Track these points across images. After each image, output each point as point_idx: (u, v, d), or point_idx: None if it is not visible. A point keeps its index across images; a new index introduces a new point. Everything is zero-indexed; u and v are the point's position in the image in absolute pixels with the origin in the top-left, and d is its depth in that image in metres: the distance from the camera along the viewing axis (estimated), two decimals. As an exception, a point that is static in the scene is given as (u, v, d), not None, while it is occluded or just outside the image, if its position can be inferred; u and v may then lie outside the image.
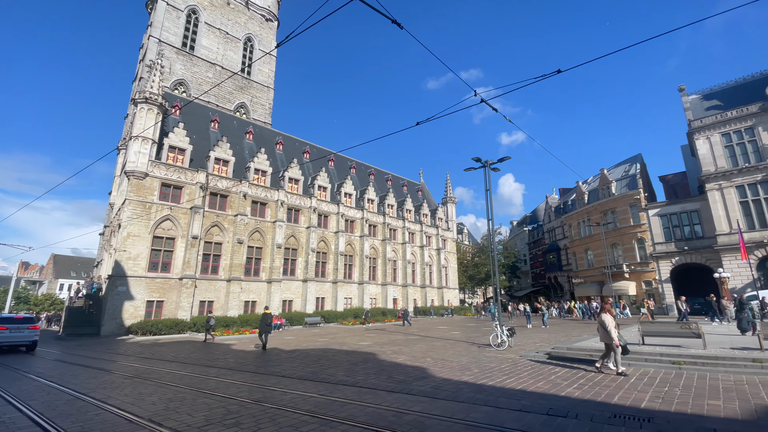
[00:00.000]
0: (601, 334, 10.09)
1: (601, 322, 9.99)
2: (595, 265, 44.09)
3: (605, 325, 9.86)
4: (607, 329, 9.79)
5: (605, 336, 9.92)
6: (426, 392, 8.17)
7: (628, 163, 45.12)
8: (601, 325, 10.02)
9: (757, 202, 31.80)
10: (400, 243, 46.61)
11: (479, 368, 10.91)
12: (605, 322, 9.90)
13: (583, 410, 6.65)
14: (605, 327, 9.85)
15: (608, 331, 9.76)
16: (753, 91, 34.32)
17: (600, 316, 10.14)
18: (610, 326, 9.78)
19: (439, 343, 17.64)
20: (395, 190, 51.99)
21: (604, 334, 9.97)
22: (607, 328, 9.79)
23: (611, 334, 9.70)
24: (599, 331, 10.21)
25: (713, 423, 5.92)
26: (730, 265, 31.42)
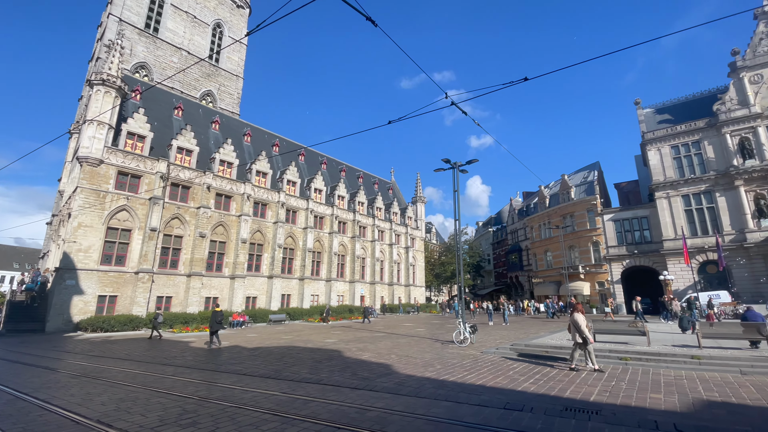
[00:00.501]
0: (574, 333, 10.28)
1: (574, 322, 10.19)
2: (553, 265, 46.20)
3: (578, 324, 10.06)
4: (580, 328, 10.00)
5: (575, 334, 10.14)
6: (389, 389, 8.27)
7: (587, 170, 47.56)
8: (573, 325, 10.21)
9: (700, 211, 34.55)
10: (369, 240, 46.66)
11: (442, 364, 11.17)
12: (578, 321, 10.09)
13: (537, 404, 6.99)
14: (578, 326, 10.06)
15: (581, 330, 9.98)
16: (701, 108, 37.17)
17: (573, 316, 10.31)
18: (582, 325, 9.99)
19: (405, 340, 17.86)
20: (366, 187, 51.94)
21: (576, 333, 10.17)
22: (580, 327, 10.00)
23: (585, 333, 9.93)
24: (571, 330, 10.38)
25: (654, 415, 6.38)
26: (674, 268, 33.95)
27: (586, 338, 9.95)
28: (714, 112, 34.95)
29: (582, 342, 10.10)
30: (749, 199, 32.20)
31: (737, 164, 32.88)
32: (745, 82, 33.98)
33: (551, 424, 5.86)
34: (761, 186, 31.85)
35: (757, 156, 32.41)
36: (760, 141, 32.42)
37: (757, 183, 31.99)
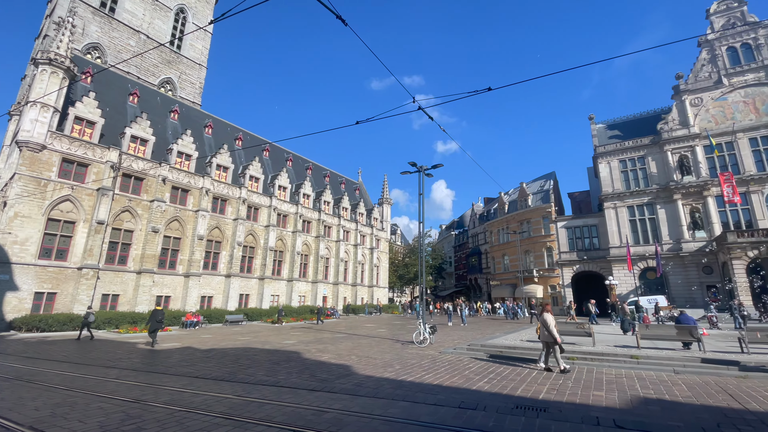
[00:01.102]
0: (542, 333, 10.51)
1: (543, 322, 10.42)
2: (510, 269, 48.13)
3: (547, 325, 10.30)
4: (549, 328, 10.25)
5: (547, 335, 10.37)
6: (348, 390, 8.25)
7: (543, 179, 50.00)
8: (543, 325, 10.46)
9: (642, 221, 37.35)
10: (334, 241, 46.26)
11: (401, 365, 11.29)
12: (547, 322, 10.33)
13: (490, 403, 7.25)
14: (547, 327, 10.30)
15: (550, 330, 10.23)
16: (647, 126, 40.23)
17: (542, 317, 10.54)
18: (551, 325, 10.25)
19: (365, 340, 17.88)
20: (333, 186, 51.48)
21: (545, 333, 10.40)
22: (549, 327, 10.25)
23: (553, 334, 10.19)
24: (539, 331, 10.65)
25: (597, 411, 6.81)
26: (619, 273, 36.44)
27: (555, 338, 10.18)
28: (658, 130, 37.96)
29: (552, 342, 10.33)
30: (686, 212, 35.24)
31: (676, 180, 35.91)
32: (687, 105, 37.20)
33: (503, 422, 6.10)
34: (696, 200, 34.97)
35: (693, 173, 35.55)
36: (697, 159, 35.61)
37: (693, 197, 35.10)
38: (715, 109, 36.17)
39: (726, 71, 36.03)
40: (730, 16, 36.94)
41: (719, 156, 34.73)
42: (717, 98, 36.18)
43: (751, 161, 33.63)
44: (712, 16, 37.68)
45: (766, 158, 33.31)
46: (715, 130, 35.16)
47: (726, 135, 34.79)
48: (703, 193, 34.48)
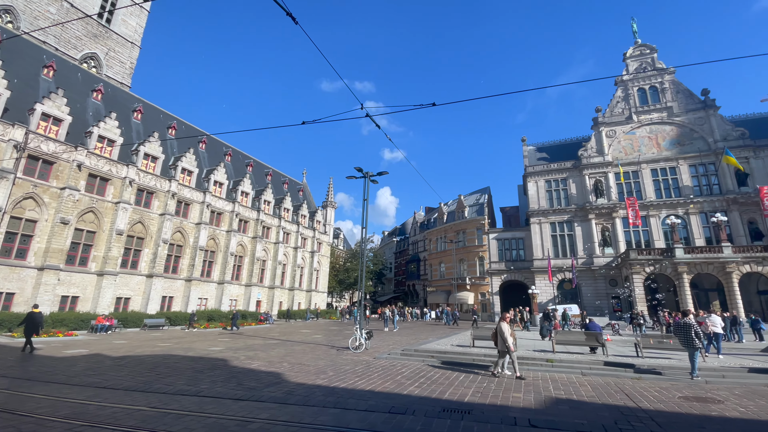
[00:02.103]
0: (498, 341, 10.72)
1: (499, 330, 10.64)
2: (445, 276, 50.20)
3: (503, 333, 10.53)
4: (504, 337, 10.49)
5: (501, 343, 10.61)
6: (277, 398, 7.97)
7: (479, 193, 53.14)
8: (498, 333, 10.68)
9: (562, 237, 41.20)
10: (273, 242, 44.58)
11: (335, 371, 11.18)
12: (503, 330, 10.55)
13: (419, 407, 7.46)
14: (503, 335, 10.53)
15: (505, 338, 10.47)
16: (570, 151, 44.68)
17: (499, 324, 10.77)
18: (506, 334, 10.48)
19: (300, 347, 17.43)
20: (275, 186, 49.72)
21: (500, 341, 10.62)
22: (504, 335, 10.48)
23: (507, 342, 10.44)
24: (494, 338, 10.87)
25: (514, 412, 7.32)
26: (540, 283, 39.74)
27: (509, 347, 10.46)
28: (579, 156, 42.34)
29: (505, 350, 10.58)
30: (598, 230, 39.58)
31: (592, 201, 40.25)
32: (603, 135, 41.97)
33: (429, 425, 6.31)
34: (607, 221, 39.45)
35: (606, 196, 40.12)
36: (609, 184, 40.27)
37: (604, 218, 39.55)
38: (625, 141, 41.29)
39: (636, 109, 41.36)
40: (643, 61, 42.55)
41: (626, 183, 39.61)
42: (627, 132, 41.35)
43: (652, 189, 38.84)
44: (628, 59, 43.10)
45: (663, 187, 38.69)
46: (624, 160, 40.10)
47: (633, 165, 39.85)
48: (613, 214, 39.05)
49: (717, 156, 36.98)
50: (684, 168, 38.36)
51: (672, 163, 38.85)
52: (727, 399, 8.53)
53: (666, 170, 38.98)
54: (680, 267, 31.39)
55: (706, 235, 35.83)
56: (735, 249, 30.96)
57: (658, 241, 36.73)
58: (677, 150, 39.09)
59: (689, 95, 40.15)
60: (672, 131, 39.82)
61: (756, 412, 7.53)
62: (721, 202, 35.97)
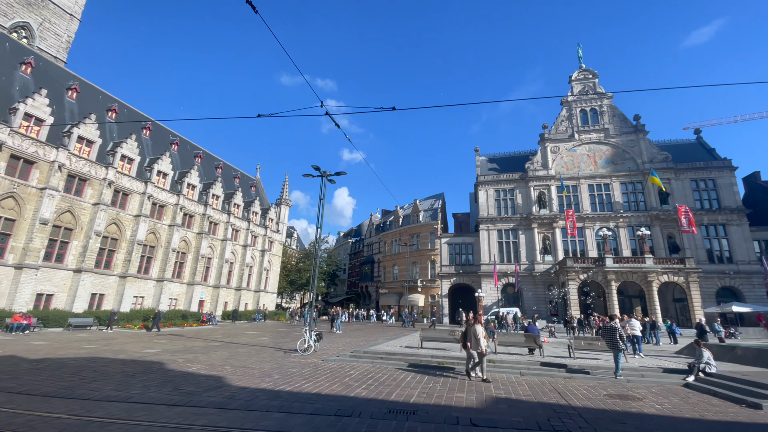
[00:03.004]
0: (473, 343, 10.76)
1: (474, 332, 10.70)
2: (398, 278, 50.90)
3: (477, 335, 10.60)
4: (479, 339, 10.57)
5: (476, 345, 10.65)
6: (217, 403, 7.58)
7: (434, 198, 54.58)
8: (472, 335, 10.73)
9: (507, 244, 43.43)
10: (220, 239, 42.47)
11: (281, 374, 10.87)
12: (477, 332, 10.62)
13: (366, 409, 7.47)
14: (476, 337, 10.59)
15: (478, 340, 10.55)
16: (518, 164, 47.30)
17: (473, 327, 10.81)
18: (480, 336, 10.59)
19: (244, 349, 16.74)
20: (225, 180, 47.44)
21: (475, 343, 10.67)
22: (478, 337, 10.57)
23: (480, 344, 10.52)
24: (462, 340, 10.91)
25: (457, 412, 7.57)
26: (486, 287, 41.57)
27: (482, 349, 10.58)
28: (525, 169, 44.97)
29: (479, 352, 10.69)
30: (539, 239, 42.21)
31: (535, 212, 42.87)
32: (548, 151, 44.90)
33: (375, 427, 6.34)
34: (548, 230, 42.20)
35: (548, 207, 42.92)
36: (551, 196, 43.13)
37: (546, 228, 42.28)
38: (567, 157, 44.50)
39: (578, 128, 44.74)
40: (585, 84, 46.17)
41: (567, 196, 42.68)
42: (569, 149, 44.60)
43: (588, 203, 42.18)
44: (573, 82, 46.57)
45: (598, 202, 42.16)
46: (565, 175, 43.19)
47: (573, 179, 43.03)
48: (553, 224, 41.87)
49: (644, 176, 41.05)
50: (616, 185, 42.12)
51: (606, 180, 42.50)
52: (646, 396, 9.44)
53: (601, 186, 42.57)
54: (609, 275, 34.36)
55: (632, 246, 39.56)
56: (656, 260, 34.48)
57: (592, 251, 39.94)
58: (611, 168, 42.85)
59: (623, 119, 44.22)
60: (607, 151, 43.58)
61: (670, 408, 8.42)
62: (646, 218, 39.94)
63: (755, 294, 35.24)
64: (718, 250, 38.14)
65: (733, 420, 7.53)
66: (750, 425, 7.21)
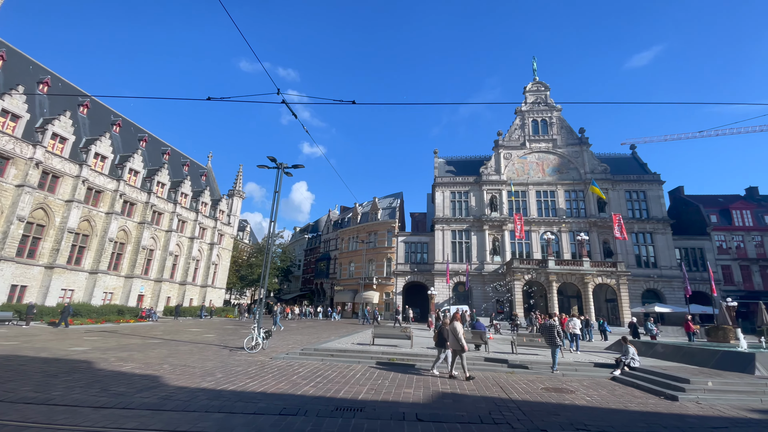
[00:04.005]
0: (451, 340, 10.76)
1: (453, 330, 10.72)
2: (354, 275, 50.78)
3: (456, 332, 10.63)
4: (458, 336, 10.61)
5: (454, 343, 10.68)
6: (150, 404, 7.08)
7: (393, 197, 55.07)
8: (452, 333, 10.75)
9: (461, 244, 44.89)
10: (164, 230, 39.87)
11: (224, 373, 10.40)
12: (456, 329, 10.65)
13: (312, 406, 7.35)
14: (456, 334, 10.63)
15: (458, 338, 10.60)
16: (473, 167, 48.97)
17: (452, 324, 10.83)
18: (460, 334, 10.64)
19: (186, 347, 15.85)
20: (173, 167, 44.61)
21: (453, 340, 10.68)
22: (459, 335, 10.62)
23: (461, 341, 10.58)
24: (449, 338, 10.90)
25: (404, 407, 7.66)
26: (438, 285, 42.70)
27: (463, 346, 10.69)
28: (480, 173, 46.71)
29: (459, 349, 10.77)
30: (490, 240, 44.06)
31: (487, 214, 44.68)
32: (501, 157, 46.92)
33: (320, 425, 6.25)
34: (498, 232, 44.15)
35: (499, 210, 44.89)
36: (502, 200, 45.15)
37: (496, 230, 44.21)
38: (518, 164, 46.79)
39: (529, 137, 47.17)
40: (538, 96, 48.76)
41: (516, 200, 44.90)
42: (521, 156, 46.93)
43: (535, 208, 44.65)
44: (527, 92, 49.00)
45: (544, 208, 44.76)
46: (516, 180, 45.42)
47: (522, 185, 45.35)
48: (503, 227, 43.88)
49: (585, 185, 44.20)
50: (560, 192, 44.99)
51: (552, 188, 45.25)
52: (578, 389, 10.16)
53: (547, 193, 45.26)
54: (551, 276, 36.66)
55: (572, 250, 42.48)
56: (592, 264, 37.29)
57: (537, 253, 42.36)
58: (557, 177, 45.68)
59: (570, 131, 47.29)
60: (555, 160, 46.40)
61: (599, 400, 9.11)
62: (585, 224, 43.06)
63: (675, 296, 39.31)
64: (645, 256, 42.08)
65: (652, 410, 8.30)
66: (667, 415, 7.98)
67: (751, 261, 41.86)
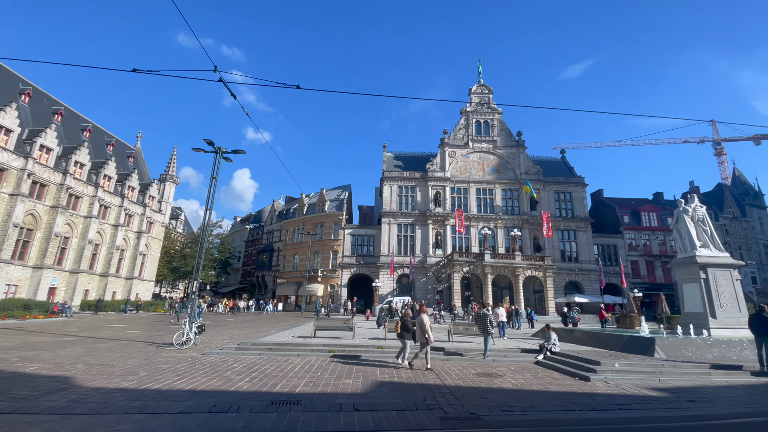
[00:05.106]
0: (418, 333, 10.77)
1: (420, 322, 10.75)
2: (298, 268, 49.79)
3: (423, 325, 10.66)
4: (425, 328, 10.66)
5: (421, 335, 10.68)
6: (58, 408, 6.36)
7: (341, 189, 54.62)
8: (419, 325, 10.78)
9: (406, 237, 45.93)
10: (83, 216, 35.81)
11: (148, 371, 9.65)
12: (424, 321, 10.68)
13: (246, 402, 7.09)
14: (423, 326, 10.66)
15: (426, 330, 10.65)
16: (420, 163, 50.18)
17: (419, 317, 10.86)
18: (428, 326, 10.68)
19: (106, 344, 14.46)
20: (95, 146, 40.08)
21: (420, 333, 10.69)
22: (426, 327, 10.67)
23: (427, 333, 10.61)
24: (416, 330, 10.90)
25: (342, 398, 7.66)
26: (383, 277, 43.38)
27: (429, 338, 10.74)
28: (426, 169, 48.02)
29: (425, 341, 10.82)
30: (433, 234, 45.61)
31: (431, 209, 46.13)
32: (446, 155, 48.56)
33: (253, 422, 6.05)
34: (440, 227, 45.82)
35: (442, 206, 46.54)
36: (446, 196, 46.86)
37: (439, 224, 45.85)
38: (461, 162, 48.79)
39: (472, 137, 49.31)
40: (482, 98, 51.01)
41: (458, 197, 46.88)
42: (464, 155, 48.97)
43: (475, 205, 46.98)
44: (472, 94, 51.07)
45: (483, 205, 47.24)
46: (459, 178, 47.36)
47: (464, 183, 47.43)
48: (445, 222, 45.63)
49: (520, 185, 47.33)
50: (498, 191, 47.78)
51: (491, 186, 47.89)
52: (505, 374, 10.91)
53: (486, 191, 47.83)
54: (487, 269, 38.89)
55: (507, 245, 45.42)
56: (523, 258, 40.17)
57: (475, 247, 44.69)
58: (496, 176, 48.40)
59: (509, 134, 50.21)
60: (494, 160, 49.06)
61: (523, 383, 9.86)
62: (519, 221, 46.21)
63: (592, 288, 43.75)
64: (569, 252, 46.32)
65: (568, 390, 9.17)
66: (580, 394, 8.86)
67: (655, 257, 47.90)
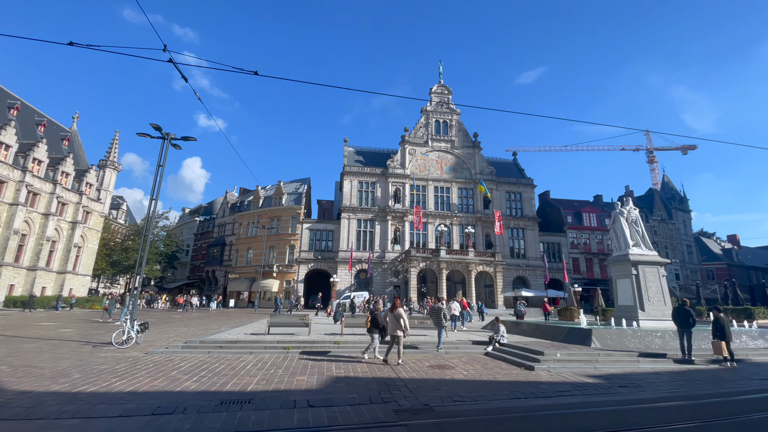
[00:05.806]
0: (392, 326, 10.90)
1: (397, 316, 10.86)
2: (252, 263, 48.20)
3: (402, 318, 10.81)
4: (406, 324, 10.84)
5: (394, 329, 10.83)
6: (-26, 417, 5.73)
7: (299, 182, 53.49)
8: (396, 319, 10.89)
9: (365, 233, 46.02)
10: (8, 203, 32.16)
11: (83, 373, 8.93)
12: (402, 315, 10.81)
13: (194, 402, 6.78)
14: (402, 320, 10.80)
15: (406, 325, 10.85)
16: (381, 159, 50.41)
17: (396, 311, 10.97)
18: (407, 321, 10.84)
19: (34, 344, 13.16)
20: (23, 125, 36.01)
21: (395, 326, 10.82)
22: (406, 322, 10.84)
23: (408, 329, 10.81)
24: (391, 324, 11.00)
25: (296, 395, 7.53)
26: (341, 273, 43.24)
27: (405, 332, 10.95)
28: (386, 165, 48.33)
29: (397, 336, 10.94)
30: (392, 230, 46.12)
31: (390, 205, 46.57)
32: (407, 152, 49.17)
33: (201, 423, 5.80)
34: (399, 223, 46.42)
35: (401, 202, 47.16)
36: (405, 193, 47.52)
37: (398, 220, 46.43)
38: (421, 160, 49.67)
39: (432, 136, 50.32)
40: (442, 98, 52.11)
41: (417, 194, 47.74)
42: (424, 153, 49.88)
43: (433, 202, 48.13)
44: (433, 94, 52.03)
45: (440, 202, 48.52)
46: (418, 175, 48.20)
47: (423, 180, 48.37)
48: (404, 218, 46.32)
49: (475, 184, 49.12)
50: (454, 189, 49.27)
51: (448, 185, 49.28)
52: (457, 365, 11.31)
53: (444, 189, 49.17)
54: (442, 264, 40.05)
55: (461, 242, 47.00)
56: (476, 254, 41.81)
57: (431, 243, 45.82)
58: (453, 175, 49.84)
59: (466, 135, 51.83)
60: (452, 159, 50.46)
61: (474, 373, 10.29)
62: (473, 219, 47.99)
63: (537, 282, 46.51)
64: (518, 249, 48.93)
65: (515, 380, 9.71)
66: (525, 383, 9.40)
67: (594, 255, 51.85)
